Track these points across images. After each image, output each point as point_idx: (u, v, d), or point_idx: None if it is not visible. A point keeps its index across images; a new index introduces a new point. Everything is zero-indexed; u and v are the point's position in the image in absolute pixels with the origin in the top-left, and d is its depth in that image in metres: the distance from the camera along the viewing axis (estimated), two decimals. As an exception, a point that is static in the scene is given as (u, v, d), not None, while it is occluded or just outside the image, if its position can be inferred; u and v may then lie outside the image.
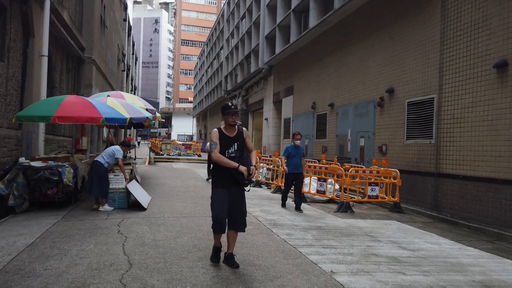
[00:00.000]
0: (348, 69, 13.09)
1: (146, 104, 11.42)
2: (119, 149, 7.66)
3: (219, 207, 3.94)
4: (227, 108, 4.09)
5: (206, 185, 11.98)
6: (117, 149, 7.60)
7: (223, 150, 3.99)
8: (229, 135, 4.07)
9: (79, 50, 14.91)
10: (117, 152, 7.53)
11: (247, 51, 26.35)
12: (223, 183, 4.01)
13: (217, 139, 4.01)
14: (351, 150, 12.62)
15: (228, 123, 4.07)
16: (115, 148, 7.67)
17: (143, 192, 8.22)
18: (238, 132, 4.14)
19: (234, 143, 4.05)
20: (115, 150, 7.59)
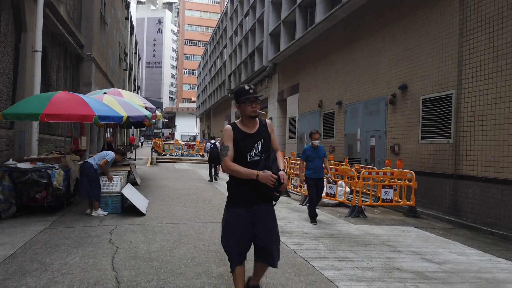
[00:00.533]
0: (357, 65, 12.49)
1: (145, 102, 10.90)
2: (112, 154, 7.19)
3: (231, 236, 2.89)
4: (244, 93, 2.83)
5: (208, 186, 11.43)
6: (110, 153, 7.12)
7: (243, 153, 2.82)
8: (249, 132, 2.89)
9: (77, 47, 14.43)
10: (108, 155, 7.05)
11: (251, 49, 25.80)
12: (243, 201, 2.87)
13: (231, 140, 2.85)
14: (361, 150, 12.01)
15: (246, 114, 2.85)
16: (108, 152, 7.21)
17: (140, 196, 7.68)
18: (261, 126, 2.95)
19: (257, 142, 2.88)
20: (107, 153, 7.15)
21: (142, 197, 7.84)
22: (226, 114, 37.67)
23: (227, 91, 32.83)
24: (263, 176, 2.69)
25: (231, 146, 2.84)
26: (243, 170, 2.76)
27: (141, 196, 7.88)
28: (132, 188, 7.74)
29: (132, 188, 7.74)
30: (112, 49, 22.63)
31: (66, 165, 7.25)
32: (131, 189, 7.53)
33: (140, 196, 7.74)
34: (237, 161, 2.83)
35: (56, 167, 6.44)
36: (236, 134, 2.86)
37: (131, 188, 7.69)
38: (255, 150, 2.86)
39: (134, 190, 7.81)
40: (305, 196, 9.10)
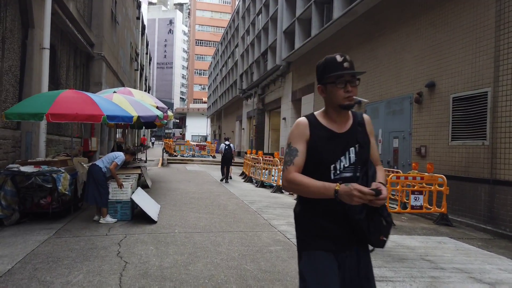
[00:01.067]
0: (378, 63, 11.83)
1: (157, 101, 10.46)
2: (122, 155, 6.72)
3: None
4: (334, 67, 1.86)
5: (222, 189, 10.93)
6: (119, 155, 6.66)
7: (325, 164, 1.78)
8: (337, 130, 1.87)
9: (87, 45, 14.10)
10: (118, 157, 6.59)
11: (263, 48, 25.26)
12: (325, 239, 1.76)
13: (303, 141, 1.82)
14: (383, 152, 11.35)
15: (336, 101, 1.88)
16: (118, 153, 6.76)
17: (151, 201, 7.20)
18: (356, 123, 1.95)
19: (350, 148, 1.83)
20: (116, 155, 6.68)
21: (153, 202, 7.37)
22: (237, 115, 37.21)
23: (239, 90, 32.36)
24: (345, 192, 1.55)
25: (301, 150, 1.79)
26: (313, 183, 1.67)
27: (152, 201, 7.41)
28: (142, 193, 7.28)
29: (142, 193, 7.28)
30: (123, 49, 22.36)
31: (73, 168, 6.82)
32: (141, 194, 7.06)
33: (151, 201, 7.27)
34: (312, 175, 1.73)
35: (62, 171, 6.00)
36: (314, 132, 1.82)
37: (142, 193, 7.22)
38: (346, 160, 1.79)
39: (144, 194, 7.35)
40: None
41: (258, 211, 7.68)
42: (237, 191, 11.00)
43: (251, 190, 11.57)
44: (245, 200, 9.19)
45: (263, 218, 6.97)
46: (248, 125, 32.54)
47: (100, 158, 6.91)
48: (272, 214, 7.49)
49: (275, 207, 8.43)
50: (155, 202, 7.59)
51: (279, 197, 10.31)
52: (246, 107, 32.48)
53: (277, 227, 6.26)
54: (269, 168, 12.20)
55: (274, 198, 9.99)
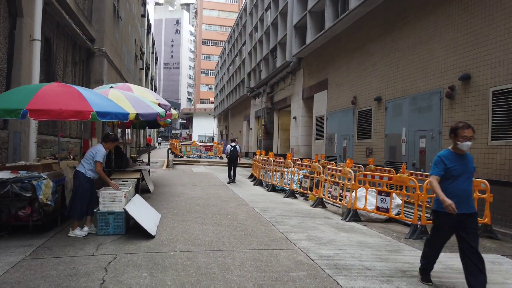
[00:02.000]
0: (401, 55, 10.79)
1: (159, 98, 9.56)
2: (100, 148, 5.61)
3: None
4: None
5: (230, 194, 9.99)
6: (97, 150, 5.58)
7: None
8: None
9: (87, 40, 13.28)
10: (97, 154, 5.53)
11: (272, 44, 24.29)
12: None
13: None
14: (407, 153, 10.32)
15: None
16: (94, 149, 5.62)
17: (150, 211, 6.29)
18: None
19: None
20: (94, 152, 5.57)
21: (152, 212, 6.46)
22: (245, 114, 36.27)
23: (247, 89, 31.42)
24: None
25: None
26: None
27: (152, 210, 6.49)
28: (140, 201, 6.37)
29: (140, 201, 6.37)
30: (127, 46, 21.59)
31: (59, 173, 5.93)
32: (139, 202, 6.15)
33: (150, 211, 6.36)
34: None
35: (43, 177, 5.11)
36: None
37: (139, 201, 6.32)
38: None
39: (143, 202, 6.44)
40: (348, 210, 7.52)
41: (272, 221, 6.72)
42: (247, 196, 10.06)
43: (261, 194, 10.61)
44: (256, 207, 8.24)
45: (278, 231, 6.00)
46: (256, 125, 31.59)
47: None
48: (288, 225, 6.53)
49: (291, 215, 7.46)
50: (155, 211, 6.67)
51: (293, 203, 9.34)
52: (254, 106, 31.54)
53: (296, 243, 5.29)
54: (281, 170, 11.24)
55: (288, 204, 9.02)
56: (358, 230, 6.48)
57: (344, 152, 14.21)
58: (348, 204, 7.52)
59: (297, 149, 19.86)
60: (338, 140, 14.75)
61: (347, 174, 7.87)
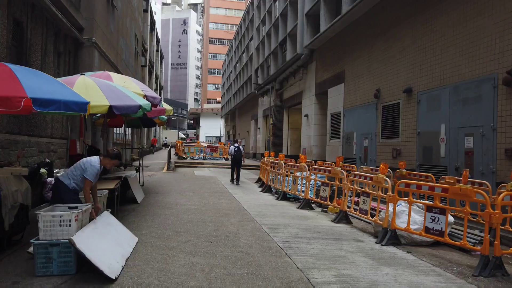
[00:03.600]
0: (437, 37, 9.00)
1: (146, 89, 7.92)
2: (94, 164, 4.48)
3: None
4: None
5: (233, 205, 8.29)
6: (90, 164, 4.46)
7: None
8: None
9: (73, 28, 11.72)
10: (87, 170, 4.41)
11: (281, 37, 22.55)
12: None
13: None
14: (447, 155, 8.51)
15: None
16: (87, 163, 4.49)
17: (120, 236, 4.62)
18: None
19: None
20: (85, 166, 4.46)
21: (124, 236, 4.79)
22: (252, 113, 34.59)
23: (254, 86, 29.73)
24: None
25: None
26: None
27: (123, 234, 4.83)
28: (108, 221, 4.72)
29: (108, 221, 4.72)
30: (125, 40, 20.09)
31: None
32: (103, 224, 4.50)
33: (120, 235, 4.70)
34: None
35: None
36: None
37: (107, 221, 4.67)
38: None
39: (111, 223, 4.79)
40: (384, 229, 5.75)
41: (286, 248, 5.01)
42: (253, 206, 8.37)
43: (270, 205, 8.90)
44: (264, 223, 6.53)
45: (295, 266, 4.29)
46: (265, 124, 29.87)
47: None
48: (308, 254, 4.81)
49: (309, 237, 5.74)
50: (129, 234, 5.01)
51: (310, 216, 7.60)
52: (261, 105, 29.85)
53: (323, 286, 3.58)
54: (294, 175, 9.52)
55: (304, 219, 7.29)
56: (404, 262, 4.73)
57: (365, 154, 12.42)
58: (383, 222, 5.77)
59: (309, 149, 18.09)
60: (358, 139, 12.97)
61: (382, 183, 6.12)
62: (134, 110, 6.10)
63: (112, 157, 4.73)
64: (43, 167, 7.98)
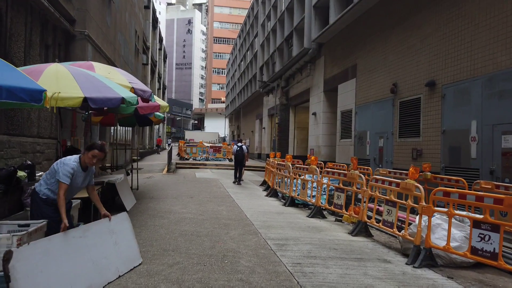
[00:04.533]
0: (467, 22, 7.93)
1: (134, 81, 6.94)
2: (68, 161, 3.65)
3: None
4: None
5: (234, 213, 7.29)
6: (64, 163, 3.62)
7: None
8: None
9: (63, 19, 10.81)
10: (61, 167, 3.57)
11: (287, 32, 21.53)
12: None
13: None
14: (479, 156, 7.44)
15: None
16: (61, 161, 3.67)
17: (87, 260, 3.63)
18: None
19: None
20: (59, 164, 3.63)
21: (91, 260, 3.81)
22: (257, 113, 33.59)
23: (259, 84, 28.74)
24: None
25: None
26: None
27: (91, 257, 3.84)
28: (73, 240, 3.74)
29: (73, 240, 3.74)
30: (124, 35, 19.20)
31: None
32: (66, 245, 3.53)
33: (88, 259, 3.71)
34: None
35: None
36: None
37: (72, 240, 3.69)
38: None
39: (78, 244, 3.80)
40: (416, 248, 4.70)
41: (297, 274, 4.00)
42: (257, 214, 7.37)
43: (277, 212, 7.89)
44: (269, 237, 5.53)
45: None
46: (270, 124, 28.87)
47: None
48: (325, 282, 3.80)
49: (325, 256, 4.72)
50: (99, 256, 4.02)
51: (323, 227, 6.57)
52: (266, 103, 28.86)
53: None
54: (303, 179, 8.50)
55: (317, 230, 6.27)
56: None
57: (380, 154, 11.35)
58: (415, 238, 4.73)
59: (317, 150, 17.04)
60: (372, 139, 11.90)
61: (412, 190, 5.08)
62: (115, 103, 5.13)
63: (87, 148, 3.77)
64: (23, 169, 7.02)
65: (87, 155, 3.72)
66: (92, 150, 3.73)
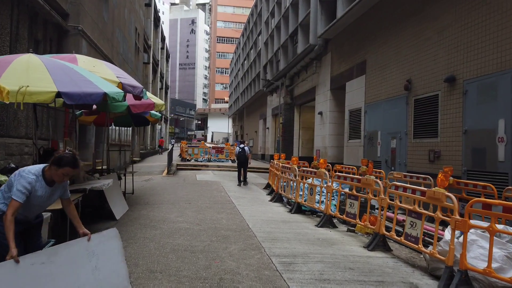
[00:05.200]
0: (492, 10, 7.17)
1: (122, 76, 6.24)
2: (29, 173, 2.90)
3: None
4: None
5: (234, 223, 6.57)
6: (24, 172, 2.90)
7: None
8: None
9: (54, 13, 10.17)
10: (17, 181, 2.83)
11: (292, 28, 20.79)
12: None
13: None
14: (507, 158, 6.67)
15: None
16: (21, 171, 2.94)
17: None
18: None
19: None
20: (17, 175, 2.89)
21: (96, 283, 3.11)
22: (261, 113, 32.87)
23: (262, 83, 28.02)
24: None
25: None
26: None
27: (65, 286, 3.14)
28: (15, 276, 3.04)
29: (15, 276, 3.04)
30: (123, 32, 18.56)
31: None
32: (11, 280, 2.83)
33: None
34: None
35: None
36: None
37: (14, 276, 2.99)
38: None
39: (36, 274, 3.10)
40: (449, 270, 3.96)
41: (309, 304, 3.28)
42: (260, 223, 6.66)
43: (282, 221, 7.16)
44: (274, 253, 4.81)
45: None
46: (274, 124, 28.14)
47: None
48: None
49: (341, 279, 3.99)
50: (116, 279, 3.31)
51: (335, 239, 5.84)
52: (270, 103, 28.14)
53: None
54: (311, 184, 7.76)
55: (328, 243, 5.54)
56: (500, 334, 2.96)
57: (392, 156, 10.59)
58: (447, 258, 3.99)
59: (323, 151, 16.29)
60: (383, 139, 11.14)
61: (442, 200, 4.34)
62: (95, 99, 4.44)
63: (59, 165, 3.00)
64: (6, 173, 6.35)
65: (57, 173, 2.93)
66: (63, 167, 2.95)
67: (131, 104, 7.60)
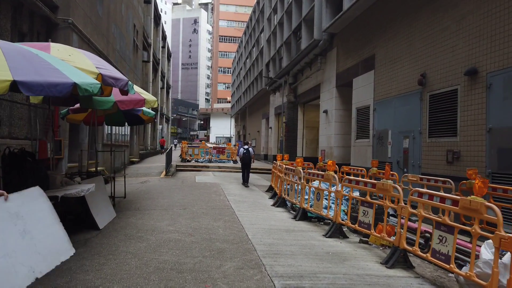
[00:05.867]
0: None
1: (104, 66, 5.50)
2: None
3: None
4: None
5: (232, 233, 5.83)
6: None
7: None
8: None
9: (41, 4, 9.50)
10: None
11: (295, 23, 20.02)
12: None
13: None
14: (542, 160, 5.89)
15: None
16: None
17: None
18: None
19: None
20: None
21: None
22: (263, 112, 32.12)
23: (265, 81, 27.27)
24: None
25: None
26: None
27: None
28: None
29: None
30: (120, 28, 17.88)
31: None
32: None
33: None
34: None
35: None
36: None
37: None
38: None
39: None
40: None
41: None
42: (261, 234, 5.92)
43: (286, 230, 6.42)
44: (277, 273, 4.07)
45: None
46: (277, 123, 27.38)
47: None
48: None
49: (357, 309, 3.24)
50: None
51: (347, 253, 5.08)
52: (273, 102, 27.39)
53: None
54: (318, 188, 7.01)
55: (339, 258, 4.78)
56: None
57: (404, 157, 9.81)
58: (490, 284, 3.23)
59: (329, 151, 15.51)
60: (394, 139, 10.37)
61: (482, 212, 3.57)
62: (62, 91, 3.72)
63: None
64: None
65: None
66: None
67: (118, 100, 6.89)
